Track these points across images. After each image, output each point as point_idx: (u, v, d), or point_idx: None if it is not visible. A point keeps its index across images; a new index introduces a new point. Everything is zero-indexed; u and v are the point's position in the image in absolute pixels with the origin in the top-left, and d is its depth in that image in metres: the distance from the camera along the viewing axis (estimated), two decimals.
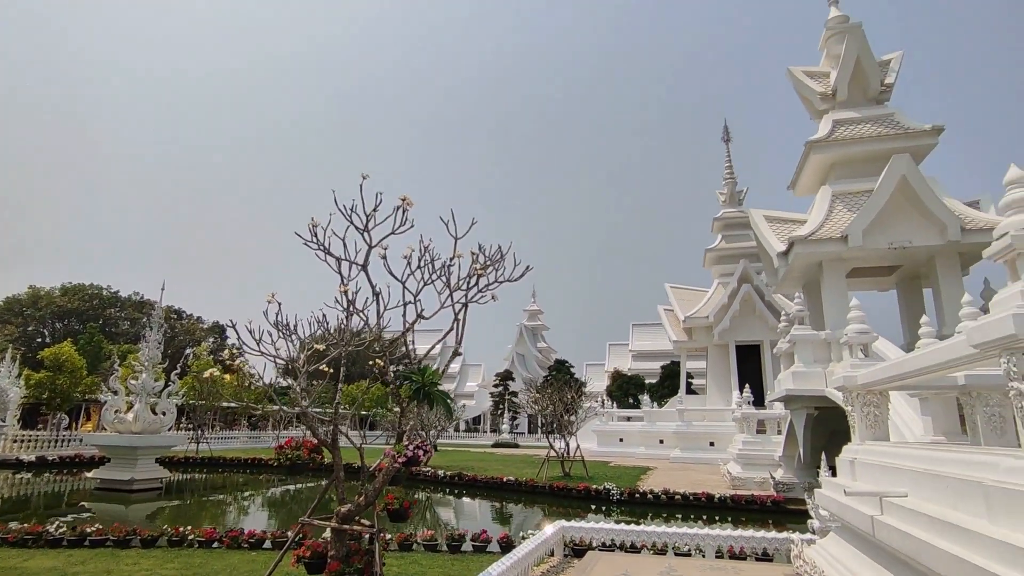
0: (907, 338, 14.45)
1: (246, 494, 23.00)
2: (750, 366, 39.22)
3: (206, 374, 6.69)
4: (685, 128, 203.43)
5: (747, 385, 25.92)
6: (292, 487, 24.91)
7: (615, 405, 51.15)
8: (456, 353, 7.66)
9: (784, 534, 9.56)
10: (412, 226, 7.33)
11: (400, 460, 6.64)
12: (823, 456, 9.39)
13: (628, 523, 11.06)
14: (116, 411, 21.73)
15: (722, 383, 40.31)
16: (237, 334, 7.43)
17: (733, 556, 9.52)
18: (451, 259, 7.71)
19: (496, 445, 50.05)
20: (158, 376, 22.89)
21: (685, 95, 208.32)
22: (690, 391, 48.49)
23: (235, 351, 7.91)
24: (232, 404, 41.37)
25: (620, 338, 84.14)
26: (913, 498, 5.07)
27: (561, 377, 44.08)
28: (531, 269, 8.31)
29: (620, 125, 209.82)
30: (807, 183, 16.58)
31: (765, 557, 9.51)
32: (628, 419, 43.66)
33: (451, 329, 7.91)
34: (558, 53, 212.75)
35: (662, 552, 9.82)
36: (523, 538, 10.58)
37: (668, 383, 58.45)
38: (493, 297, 7.90)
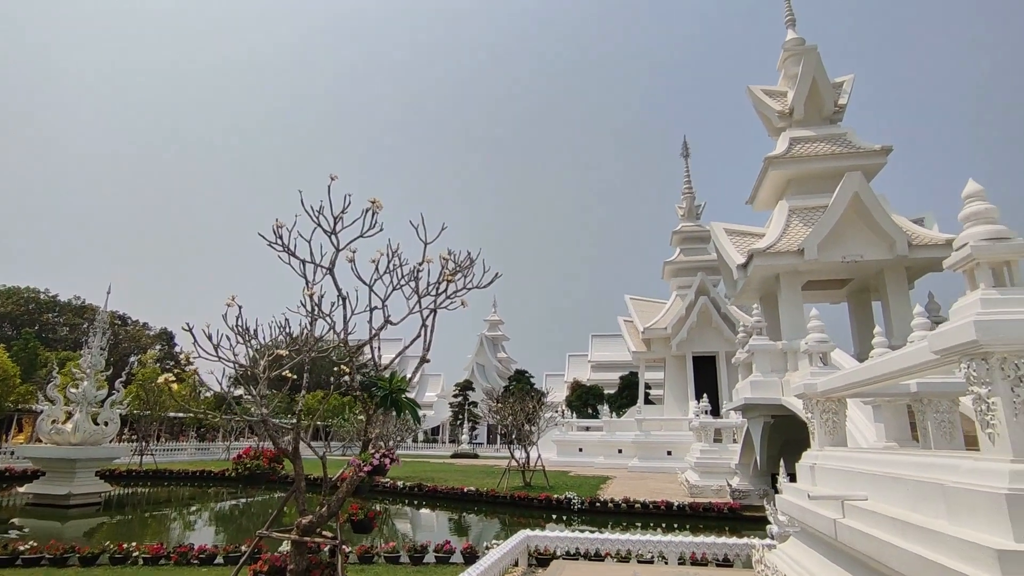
0: (858, 348, 15.03)
1: (194, 508, 22.03)
2: (706, 377, 40.11)
3: (160, 379, 6.36)
4: (646, 142, 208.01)
5: (704, 395, 26.45)
6: (243, 500, 24.02)
7: (574, 415, 51.39)
8: (424, 360, 7.52)
9: (744, 540, 9.72)
10: (381, 229, 7.19)
11: (366, 469, 6.45)
12: (782, 463, 9.61)
13: (590, 532, 11.07)
14: (53, 421, 20.51)
15: (679, 393, 41.06)
16: (194, 338, 7.12)
17: (695, 562, 9.61)
18: (420, 264, 7.60)
19: (455, 456, 49.50)
20: (100, 384, 21.74)
21: (647, 110, 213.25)
22: (648, 401, 49.24)
23: (188, 359, 7.58)
24: (180, 414, 39.68)
25: (580, 349, 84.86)
26: (873, 501, 5.21)
27: (521, 387, 44.09)
28: (500, 276, 8.26)
29: (582, 139, 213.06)
30: (765, 198, 17.14)
31: (725, 563, 9.64)
32: (587, 429, 43.93)
33: (418, 336, 7.78)
34: (522, 64, 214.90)
35: (625, 560, 9.85)
36: (487, 548, 10.45)
37: (627, 393, 59.14)
38: (463, 303, 7.82)
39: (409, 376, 7.04)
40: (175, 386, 7.47)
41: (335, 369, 7.37)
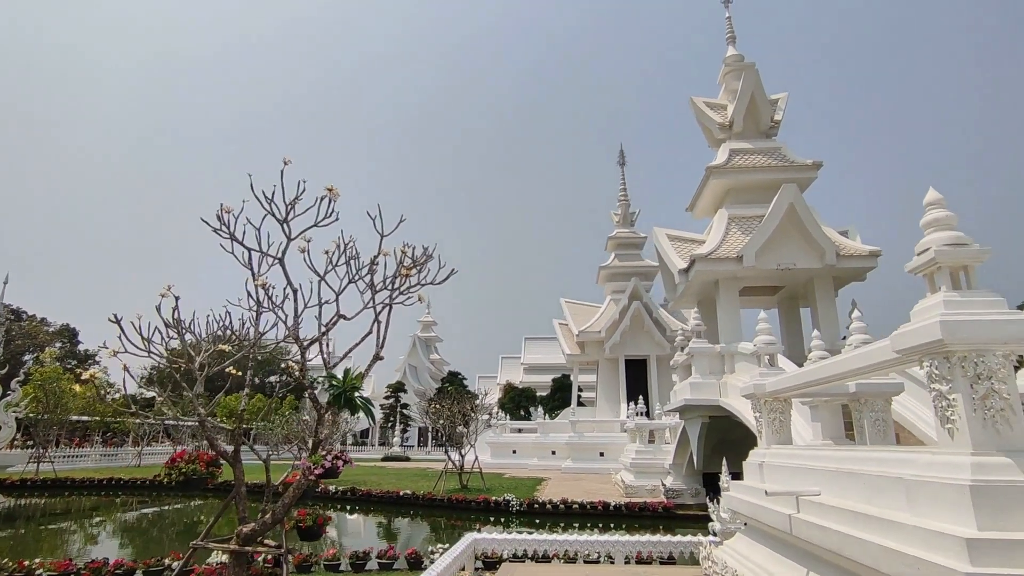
0: (787, 352, 15.84)
1: (98, 520, 20.31)
2: (637, 379, 41.24)
3: (86, 375, 5.73)
4: (583, 149, 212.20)
5: (640, 396, 27.12)
6: (156, 509, 22.38)
7: (508, 417, 51.49)
8: (377, 357, 7.21)
9: (689, 538, 9.95)
10: (337, 219, 6.84)
11: (317, 471, 6.09)
12: (724, 462, 9.91)
13: (538, 534, 11.00)
14: None
15: (611, 395, 41.99)
16: (121, 330, 6.51)
17: (640, 561, 9.75)
18: (376, 257, 7.29)
19: (386, 459, 48.43)
20: None
21: (585, 118, 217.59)
22: (579, 403, 50.06)
23: (114, 352, 6.91)
24: (84, 417, 36.57)
25: (513, 351, 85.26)
26: (826, 496, 5.42)
27: (455, 389, 43.69)
28: (456, 272, 8.07)
29: (519, 143, 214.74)
30: (704, 206, 17.82)
31: (669, 561, 9.82)
32: (520, 431, 44.12)
33: (369, 332, 7.46)
34: (462, 68, 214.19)
35: (572, 561, 9.86)
36: (432, 553, 10.17)
37: (559, 396, 59.91)
38: (420, 298, 7.57)
39: (364, 373, 6.71)
40: (77, 387, 6.78)
41: (282, 367, 6.94)
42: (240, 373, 6.71)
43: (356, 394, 6.48)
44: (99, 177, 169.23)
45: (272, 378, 55.16)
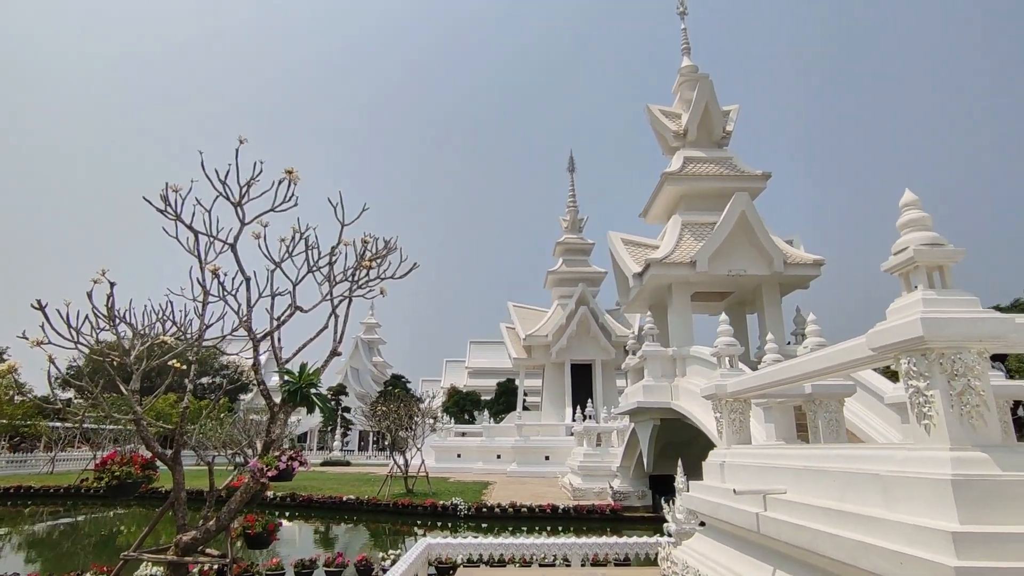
0: None
1: (1, 532, 18.58)
2: (583, 383, 41.67)
3: (3, 367, 5.09)
4: (532, 154, 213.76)
5: (589, 400, 27.31)
6: (71, 519, 20.69)
7: (452, 421, 50.93)
8: (335, 353, 6.82)
9: (644, 539, 9.97)
10: (296, 204, 6.43)
11: (270, 473, 5.65)
12: (680, 464, 9.98)
13: (485, 537, 10.77)
14: None
15: (557, 399, 42.24)
16: (46, 317, 5.87)
17: (596, 563, 9.67)
18: (336, 247, 6.91)
19: (326, 463, 46.87)
20: None
21: (536, 124, 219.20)
22: (524, 408, 50.12)
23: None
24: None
25: (458, 355, 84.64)
26: (792, 494, 5.47)
27: (399, 392, 42.82)
28: (418, 267, 7.78)
29: (468, 146, 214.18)
30: (658, 212, 18.15)
31: (625, 562, 9.80)
32: (464, 435, 43.69)
33: (325, 326, 7.06)
34: (419, 67, 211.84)
35: (527, 564, 9.68)
36: (383, 560, 9.78)
37: (504, 400, 59.75)
38: (382, 292, 7.24)
39: (321, 367, 6.32)
40: None
41: (229, 361, 6.43)
42: (184, 367, 6.18)
43: (312, 391, 6.08)
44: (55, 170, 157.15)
45: (204, 379, 52.38)
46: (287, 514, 20.13)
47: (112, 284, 6.19)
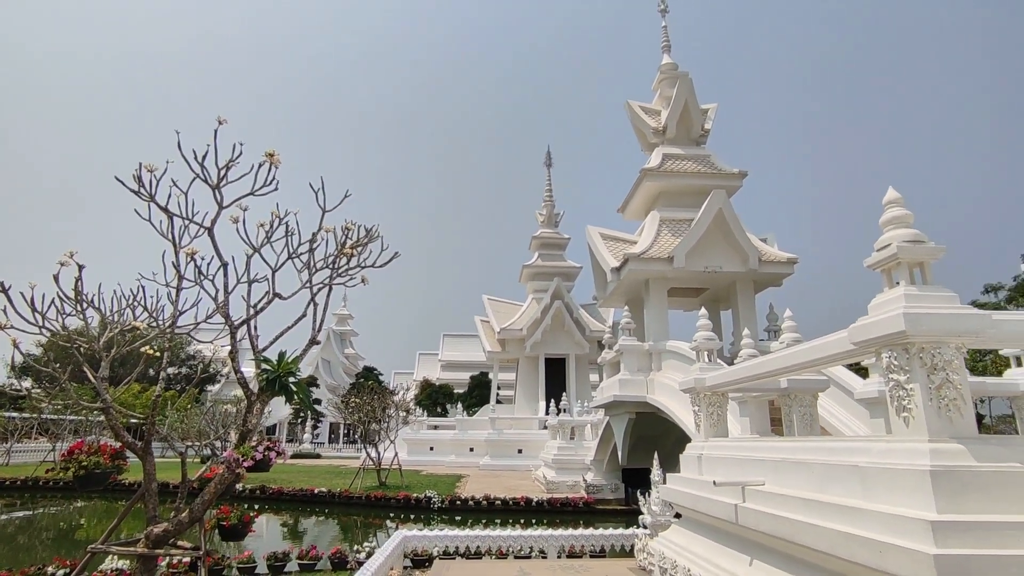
0: None
1: None
2: (556, 377, 41.89)
3: None
4: (510, 148, 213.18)
5: (564, 394, 27.42)
6: (28, 512, 20.00)
7: (425, 414, 50.70)
8: (313, 342, 6.68)
9: (620, 531, 10.06)
10: (276, 188, 6.26)
11: (246, 464, 5.52)
12: (656, 457, 10.09)
13: (469, 530, 10.75)
14: None
15: (530, 393, 42.38)
16: (9, 300, 5.63)
17: (572, 555, 9.72)
18: (317, 233, 6.77)
19: (296, 456, 46.20)
20: None
21: (514, 117, 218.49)
22: (498, 401, 50.18)
23: None
24: None
25: (431, 348, 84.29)
26: (770, 486, 5.56)
27: (371, 384, 42.45)
28: (399, 255, 7.68)
29: (445, 140, 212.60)
30: (636, 207, 18.28)
31: (600, 554, 9.87)
32: (436, 428, 43.54)
33: (303, 315, 6.92)
34: (396, 63, 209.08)
35: (503, 556, 9.68)
36: (358, 552, 9.67)
37: (477, 393, 59.73)
38: (363, 280, 7.12)
39: (300, 355, 6.19)
40: None
41: (211, 349, 6.26)
42: (158, 354, 5.98)
43: (291, 379, 5.96)
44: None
45: (171, 370, 51.05)
46: (256, 507, 19.75)
47: (81, 267, 5.96)
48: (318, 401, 62.99)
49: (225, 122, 5.89)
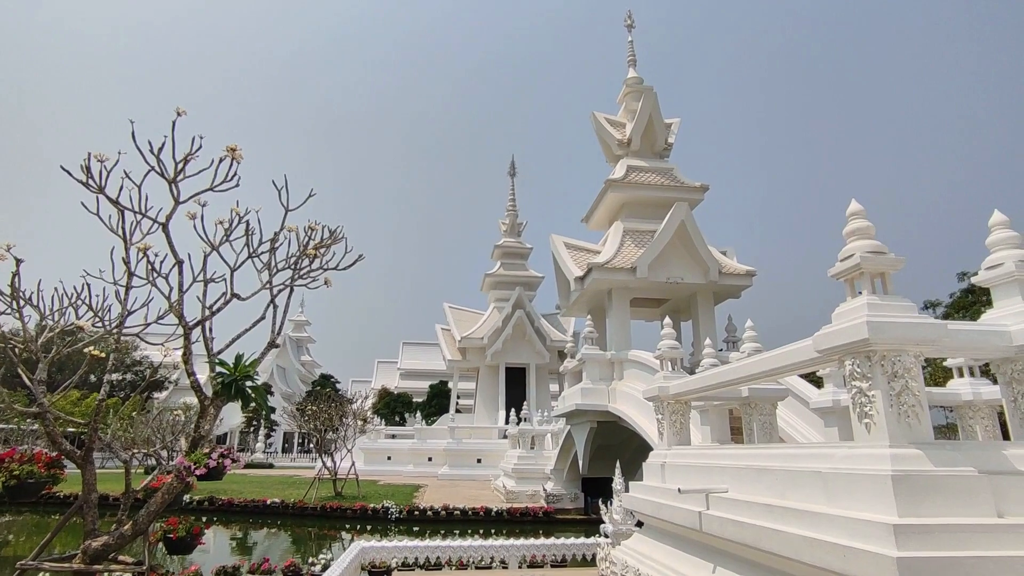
0: None
1: None
2: (516, 387, 41.85)
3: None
4: (472, 156, 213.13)
5: (524, 403, 27.35)
6: None
7: (383, 423, 49.85)
8: (272, 345, 6.44)
9: (581, 540, 10.02)
10: (238, 184, 6.03)
11: (198, 472, 5.25)
12: (618, 465, 10.12)
13: (430, 540, 10.53)
14: None
15: (490, 402, 42.21)
16: None
17: (533, 564, 9.64)
18: (279, 232, 6.56)
19: (248, 466, 44.69)
20: None
21: (479, 127, 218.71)
22: (457, 410, 49.79)
23: None
24: None
25: (390, 356, 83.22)
26: (734, 492, 5.61)
27: (328, 392, 41.52)
28: (363, 258, 7.51)
29: (410, 147, 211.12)
30: (600, 218, 18.47)
31: (562, 563, 9.81)
32: (394, 437, 42.86)
33: (262, 317, 6.68)
34: (355, 67, 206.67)
35: (464, 567, 9.53)
36: (312, 564, 9.35)
37: (436, 402, 59.19)
38: (326, 282, 6.92)
39: (258, 358, 5.94)
40: None
41: (163, 354, 5.94)
42: (103, 355, 5.64)
43: (248, 383, 5.71)
44: None
45: (115, 376, 48.69)
46: (204, 519, 18.91)
47: (19, 261, 5.59)
48: (272, 409, 61.22)
49: (184, 113, 5.65)
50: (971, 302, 30.24)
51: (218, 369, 5.78)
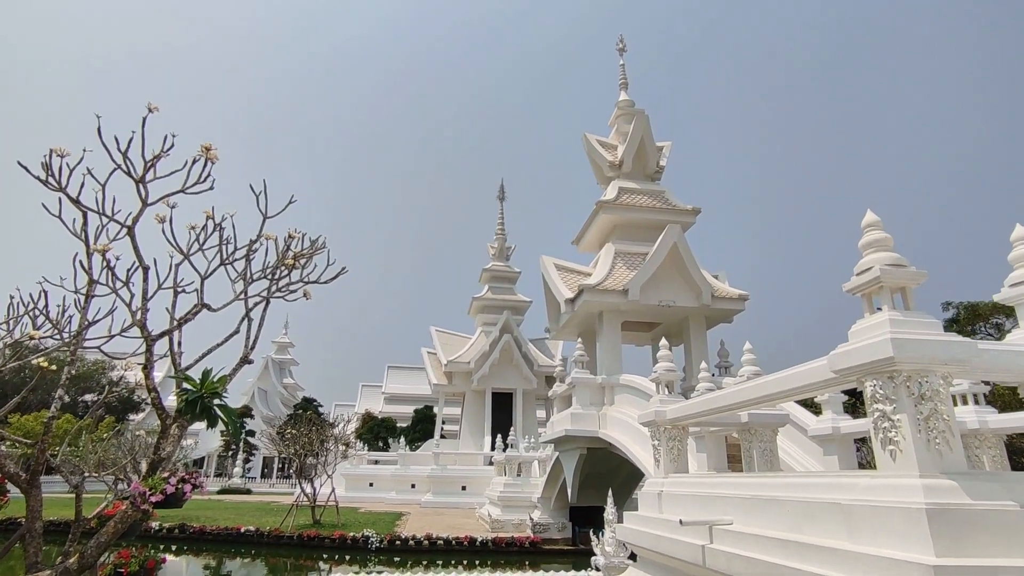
0: None
1: None
2: (503, 413, 41.16)
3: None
4: (461, 179, 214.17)
5: (512, 429, 26.74)
6: None
7: (366, 448, 48.72)
8: (245, 360, 6.00)
9: (570, 573, 9.49)
10: (212, 187, 5.65)
11: (153, 499, 4.75)
12: (610, 494, 9.67)
13: (392, 573, 9.94)
14: None
15: (476, 428, 41.43)
16: None
17: None
18: (256, 239, 6.17)
19: (224, 491, 43.25)
20: None
21: (465, 150, 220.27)
22: (442, 436, 48.84)
23: None
24: None
25: (374, 379, 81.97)
26: (741, 525, 5.22)
27: (310, 415, 40.53)
28: (346, 271, 7.14)
29: (392, 166, 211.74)
30: (591, 240, 18.27)
31: None
32: (377, 463, 41.81)
33: (236, 331, 6.25)
34: (346, 92, 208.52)
35: None
36: None
37: (421, 427, 58.06)
38: (306, 295, 6.52)
39: (229, 375, 5.50)
40: None
41: (103, 384, 5.48)
42: (54, 368, 5.16)
43: (217, 402, 5.25)
44: None
45: (88, 396, 47.24)
46: (174, 548, 17.98)
47: None
48: (252, 433, 59.67)
49: (156, 110, 5.29)
50: (956, 331, 30.31)
51: (184, 385, 5.32)
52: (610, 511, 9.51)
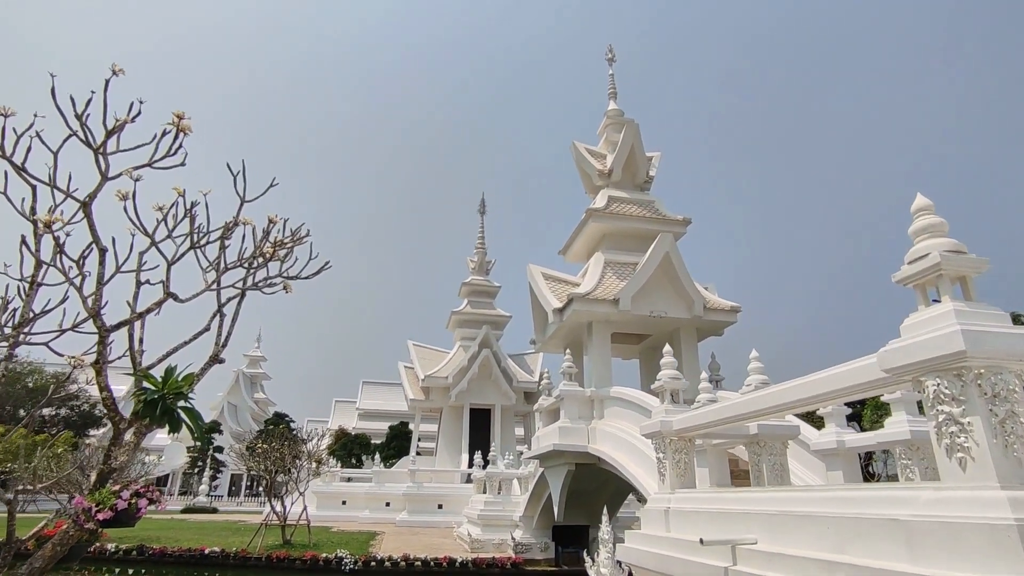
0: None
1: None
2: (481, 429, 40.32)
3: None
4: (439, 192, 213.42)
5: (492, 445, 26.00)
6: None
7: (339, 465, 47.28)
8: (216, 360, 5.36)
9: None
10: (184, 163, 5.06)
11: (99, 516, 4.08)
12: (605, 512, 9.11)
13: None
14: None
15: (453, 445, 40.47)
16: None
17: None
18: (232, 223, 5.58)
19: (188, 510, 41.36)
20: None
21: (448, 162, 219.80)
22: (417, 453, 47.65)
23: None
24: None
25: (349, 395, 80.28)
26: (765, 543, 4.73)
27: (281, 430, 39.16)
28: (330, 266, 6.56)
29: (369, 176, 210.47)
30: (579, 249, 17.88)
31: None
32: (350, 480, 40.47)
33: (207, 328, 5.61)
34: (329, 95, 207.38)
35: None
36: None
37: (395, 444, 56.73)
38: (285, 288, 5.91)
39: (197, 374, 4.86)
40: None
41: (62, 395, 4.79)
42: None
43: (181, 403, 4.61)
44: None
45: (48, 410, 44.94)
46: (131, 571, 16.77)
47: None
48: (220, 449, 57.56)
49: (122, 72, 4.70)
50: None
51: (144, 384, 4.67)
52: (605, 530, 8.94)
